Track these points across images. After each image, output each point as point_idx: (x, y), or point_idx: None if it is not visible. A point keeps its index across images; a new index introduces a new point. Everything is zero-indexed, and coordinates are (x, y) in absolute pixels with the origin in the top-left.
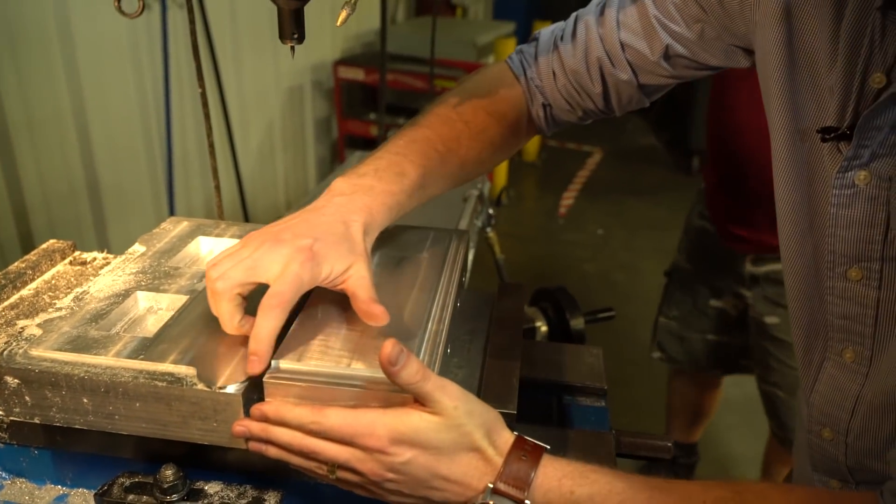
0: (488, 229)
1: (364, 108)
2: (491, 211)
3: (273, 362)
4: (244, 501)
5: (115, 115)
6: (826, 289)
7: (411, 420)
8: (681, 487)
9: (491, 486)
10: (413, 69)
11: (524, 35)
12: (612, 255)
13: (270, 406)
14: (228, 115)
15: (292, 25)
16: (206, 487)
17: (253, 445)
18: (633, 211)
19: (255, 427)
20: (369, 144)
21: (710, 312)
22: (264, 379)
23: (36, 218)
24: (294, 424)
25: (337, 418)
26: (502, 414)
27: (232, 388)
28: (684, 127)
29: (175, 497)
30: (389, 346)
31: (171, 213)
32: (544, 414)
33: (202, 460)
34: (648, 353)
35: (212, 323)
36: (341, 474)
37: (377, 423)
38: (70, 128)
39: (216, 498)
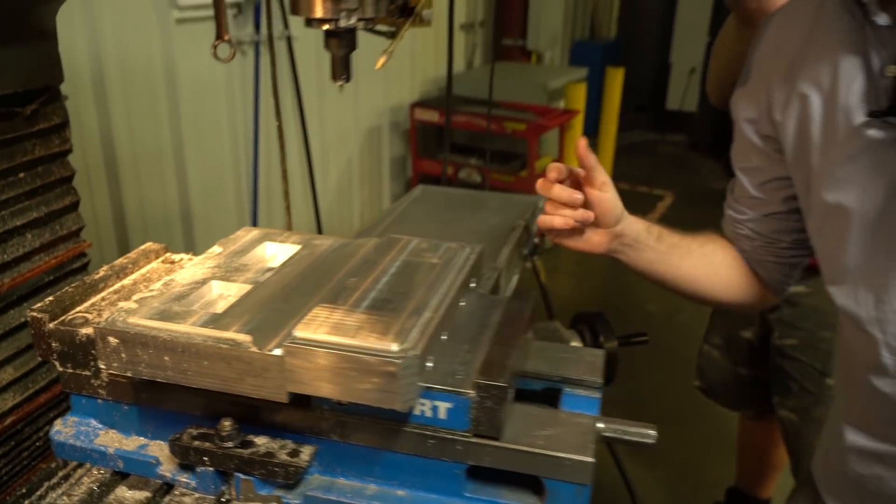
0: (535, 257)
1: (438, 148)
2: (536, 240)
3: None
4: (284, 451)
5: (209, 151)
6: None
7: None
8: None
9: None
10: (485, 111)
11: (596, 81)
12: (676, 297)
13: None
14: (310, 152)
15: (342, 68)
16: (255, 439)
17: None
18: None
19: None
20: (441, 183)
21: (741, 344)
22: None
23: (135, 243)
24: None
25: None
26: (492, 385)
27: (278, 352)
28: None
29: (230, 444)
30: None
31: None
32: (537, 399)
33: (255, 419)
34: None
35: (267, 307)
36: None
37: None
38: (169, 162)
39: (262, 447)
